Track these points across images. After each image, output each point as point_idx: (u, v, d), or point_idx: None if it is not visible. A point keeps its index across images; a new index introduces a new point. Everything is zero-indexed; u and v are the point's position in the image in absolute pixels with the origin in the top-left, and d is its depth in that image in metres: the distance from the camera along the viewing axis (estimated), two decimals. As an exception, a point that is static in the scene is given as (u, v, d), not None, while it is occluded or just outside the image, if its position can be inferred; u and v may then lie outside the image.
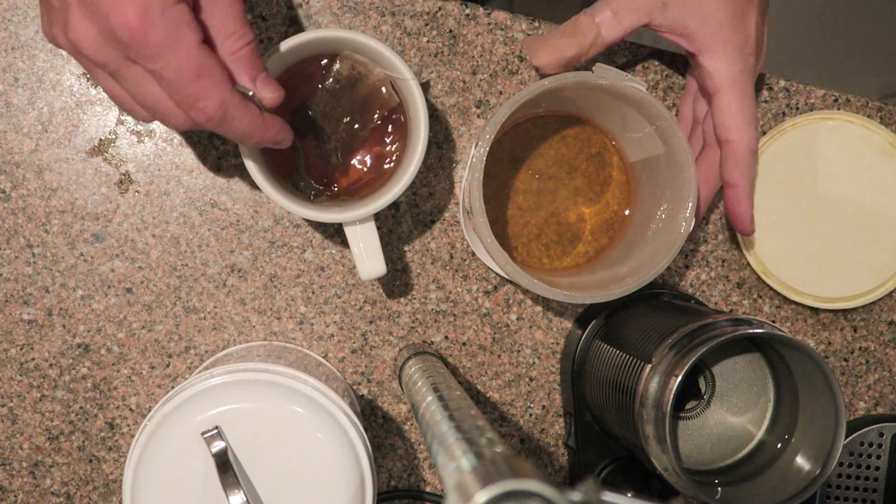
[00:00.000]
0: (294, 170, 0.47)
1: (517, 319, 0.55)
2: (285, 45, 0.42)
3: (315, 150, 0.46)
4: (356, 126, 0.46)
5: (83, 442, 0.53)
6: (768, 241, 0.55)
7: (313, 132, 0.46)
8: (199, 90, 0.35)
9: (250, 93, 0.38)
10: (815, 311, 0.58)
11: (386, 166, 0.48)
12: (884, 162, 0.56)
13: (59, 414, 0.53)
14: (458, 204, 0.54)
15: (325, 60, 0.46)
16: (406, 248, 0.54)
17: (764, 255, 0.55)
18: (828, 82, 0.58)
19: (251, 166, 0.44)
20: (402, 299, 0.54)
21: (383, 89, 0.45)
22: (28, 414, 0.52)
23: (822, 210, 0.56)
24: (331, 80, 0.45)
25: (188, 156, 0.52)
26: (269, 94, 0.38)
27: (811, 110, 0.56)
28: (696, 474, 0.48)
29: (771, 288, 0.56)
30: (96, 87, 0.51)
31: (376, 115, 0.46)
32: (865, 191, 0.56)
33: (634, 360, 0.46)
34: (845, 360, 0.59)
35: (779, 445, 0.48)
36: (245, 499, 0.39)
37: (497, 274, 0.55)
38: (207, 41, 0.36)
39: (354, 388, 0.55)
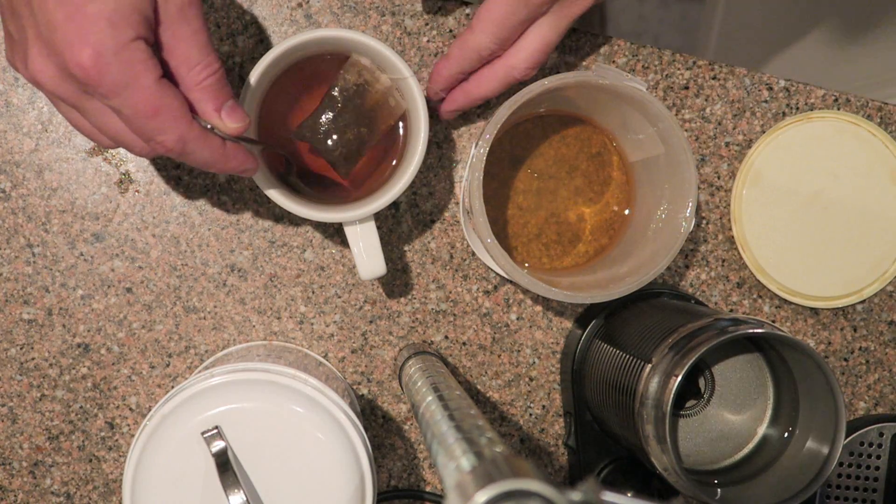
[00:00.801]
0: (286, 173, 0.47)
1: (517, 319, 0.55)
2: (284, 45, 0.42)
3: (318, 156, 0.46)
4: (363, 135, 0.45)
5: (83, 441, 0.53)
6: (766, 240, 0.55)
7: (318, 139, 0.45)
8: (157, 126, 0.35)
9: (208, 125, 0.38)
10: (815, 310, 0.58)
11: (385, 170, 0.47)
12: (879, 161, 0.56)
13: (59, 413, 0.53)
14: (458, 204, 0.54)
15: (329, 57, 0.46)
16: (406, 248, 0.54)
17: (761, 255, 0.55)
18: (828, 82, 0.58)
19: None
20: (402, 299, 0.54)
21: (390, 100, 0.45)
22: (28, 413, 0.52)
23: (818, 209, 0.56)
24: (338, 87, 0.45)
25: (188, 155, 0.52)
26: (234, 123, 0.38)
27: (811, 110, 0.56)
28: (695, 474, 0.48)
29: (769, 288, 0.56)
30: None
31: (384, 126, 0.46)
32: (862, 190, 0.56)
33: (634, 359, 0.46)
34: (845, 359, 0.59)
35: (779, 445, 0.48)
36: (245, 498, 0.39)
37: (497, 274, 0.55)
38: (170, 72, 0.36)
39: (354, 387, 0.55)
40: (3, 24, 0.36)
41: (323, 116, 0.45)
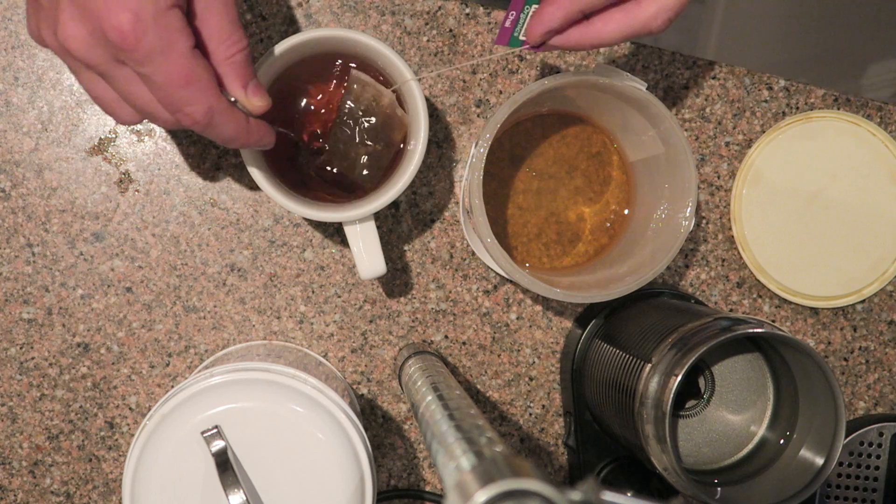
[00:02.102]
0: (296, 154, 0.46)
1: (517, 319, 0.55)
2: (284, 45, 0.42)
3: (330, 171, 0.46)
4: (381, 151, 0.46)
5: (83, 441, 0.53)
6: (766, 240, 0.55)
7: (343, 165, 0.46)
8: (187, 96, 0.35)
9: (233, 99, 0.38)
10: (815, 310, 0.58)
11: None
12: (879, 161, 0.56)
13: (58, 413, 0.53)
14: (458, 203, 0.54)
15: (328, 58, 0.46)
16: (406, 248, 0.54)
17: (760, 255, 0.55)
18: (828, 82, 0.58)
19: (251, 166, 0.44)
20: (401, 298, 0.54)
21: (397, 111, 0.45)
22: (28, 413, 0.52)
23: (818, 209, 0.56)
24: (347, 109, 0.45)
25: (188, 155, 0.52)
26: (258, 102, 0.38)
27: (811, 110, 0.56)
28: (695, 474, 0.48)
29: (769, 288, 0.56)
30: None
31: (399, 138, 0.46)
32: (862, 190, 0.56)
33: (634, 359, 0.46)
34: (845, 359, 0.59)
35: (778, 445, 0.48)
36: (245, 498, 0.39)
37: (497, 273, 0.55)
38: (200, 45, 0.36)
39: (354, 387, 0.55)
40: None
41: (340, 142, 0.45)
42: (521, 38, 0.42)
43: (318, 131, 0.46)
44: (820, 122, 0.55)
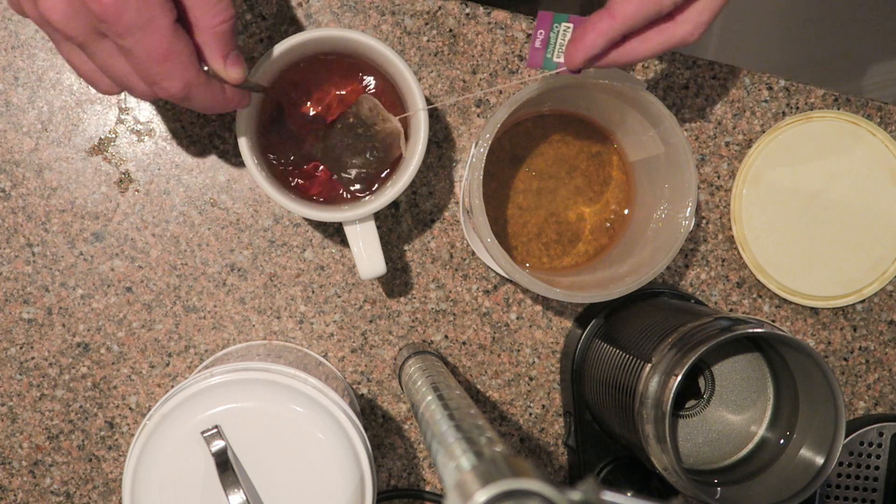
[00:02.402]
0: (277, 119, 0.47)
1: (517, 319, 0.55)
2: (285, 44, 0.42)
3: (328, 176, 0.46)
4: (372, 164, 0.46)
5: (83, 441, 0.53)
6: (766, 240, 0.55)
7: (333, 165, 0.46)
8: (166, 70, 0.35)
9: (206, 69, 0.38)
10: (815, 310, 0.58)
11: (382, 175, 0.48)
12: (879, 160, 0.56)
13: (58, 413, 0.53)
14: (458, 203, 0.54)
15: (327, 58, 0.46)
16: (406, 248, 0.54)
17: (760, 255, 0.55)
18: (828, 82, 0.58)
19: (251, 166, 0.44)
20: (401, 298, 0.54)
21: (401, 142, 0.45)
22: (28, 413, 0.52)
23: (818, 209, 0.56)
24: (350, 119, 0.45)
25: (188, 155, 0.52)
26: (235, 73, 0.38)
27: (811, 110, 0.56)
28: (695, 474, 0.48)
29: (769, 287, 0.56)
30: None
31: (392, 159, 0.46)
32: (862, 190, 0.56)
33: (634, 359, 0.46)
34: (845, 359, 0.59)
35: (778, 445, 0.48)
36: (245, 498, 0.39)
37: (497, 273, 0.55)
38: (185, 13, 0.36)
39: (354, 387, 0.55)
40: None
41: (336, 147, 0.45)
42: (556, 60, 0.42)
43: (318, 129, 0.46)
44: (820, 122, 0.55)
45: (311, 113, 0.46)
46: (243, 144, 0.44)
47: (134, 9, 0.33)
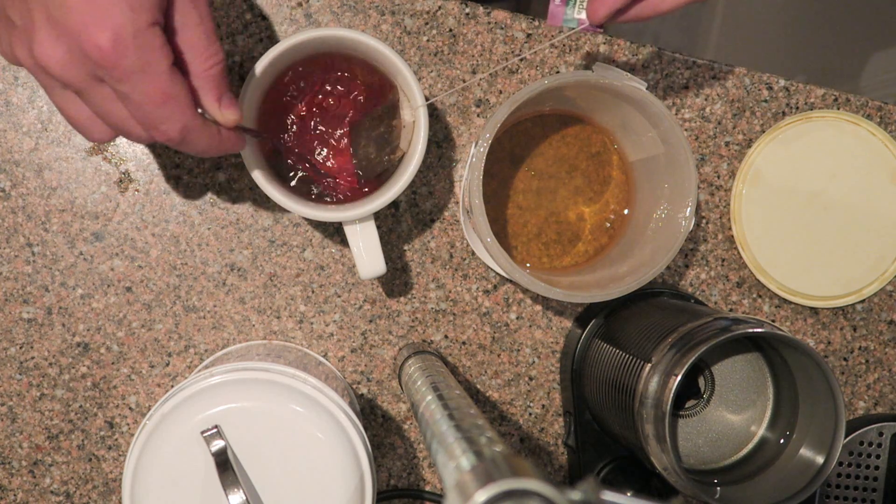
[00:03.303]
0: (275, 160, 0.47)
1: (517, 318, 0.55)
2: (287, 43, 0.42)
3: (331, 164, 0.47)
4: (386, 151, 0.46)
5: (83, 441, 0.53)
6: (766, 240, 0.55)
7: (359, 147, 0.46)
8: (164, 114, 0.36)
9: (201, 111, 0.38)
10: (815, 310, 0.58)
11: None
12: (879, 160, 0.56)
13: (58, 413, 0.53)
14: (457, 203, 0.54)
15: (326, 58, 0.46)
16: (406, 247, 0.54)
17: (760, 255, 0.55)
18: (828, 82, 0.58)
19: (251, 166, 0.44)
20: (401, 298, 0.54)
21: (405, 135, 0.46)
22: (28, 413, 0.52)
23: (818, 209, 0.56)
24: (382, 110, 0.45)
25: (188, 155, 0.52)
26: (230, 115, 0.39)
27: (811, 109, 0.56)
28: (695, 474, 0.48)
29: (769, 287, 0.56)
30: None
31: (400, 153, 0.46)
32: (862, 190, 0.56)
33: (634, 359, 0.46)
34: (845, 359, 0.59)
35: (778, 445, 0.48)
36: (244, 498, 0.39)
37: (497, 273, 0.55)
38: (177, 56, 0.36)
39: (354, 387, 0.55)
40: (2, 10, 0.35)
41: (368, 130, 0.45)
42: (577, 16, 0.42)
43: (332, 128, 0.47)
44: (820, 122, 0.55)
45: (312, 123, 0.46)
46: (245, 149, 0.44)
47: (133, 54, 0.33)
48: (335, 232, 0.53)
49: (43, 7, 0.33)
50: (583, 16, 0.42)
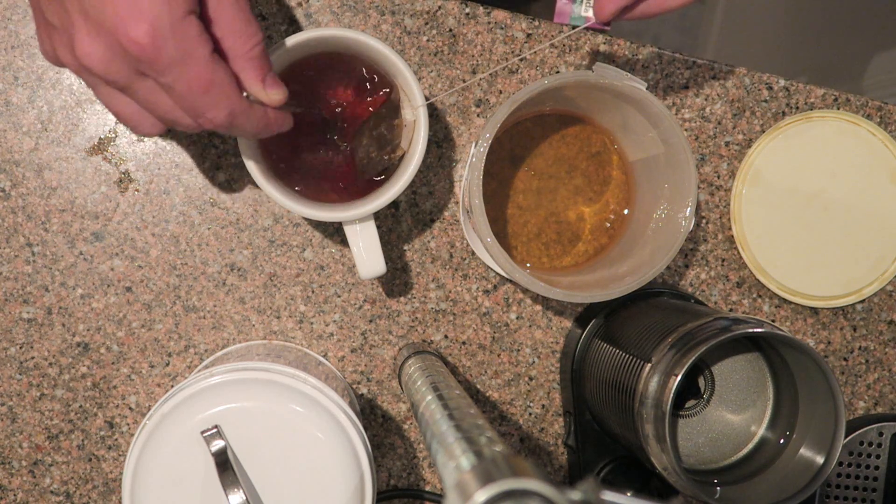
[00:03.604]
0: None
1: (517, 318, 0.55)
2: (291, 41, 0.42)
3: (333, 162, 0.46)
4: (386, 150, 0.46)
5: (83, 441, 0.53)
6: (766, 240, 0.55)
7: (361, 144, 0.46)
8: (209, 102, 0.35)
9: (246, 95, 0.38)
10: (815, 310, 0.58)
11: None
12: (879, 160, 0.56)
13: (58, 413, 0.53)
14: (457, 203, 0.54)
15: (325, 58, 0.46)
16: (406, 247, 0.54)
17: (760, 255, 0.55)
18: (828, 82, 0.58)
19: (251, 165, 0.44)
20: (401, 298, 0.54)
21: (405, 135, 0.46)
22: (27, 413, 0.52)
23: (818, 209, 0.56)
24: (385, 109, 0.45)
25: (188, 154, 0.52)
26: (276, 95, 0.39)
27: (811, 109, 0.56)
28: (695, 474, 0.48)
29: (769, 287, 0.56)
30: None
31: (400, 152, 0.46)
32: (862, 190, 0.56)
33: (634, 359, 0.46)
34: (845, 359, 0.59)
35: (778, 445, 0.48)
36: (244, 498, 0.39)
37: (497, 273, 0.55)
38: (216, 43, 0.36)
39: (354, 387, 0.55)
40: (41, 13, 0.36)
41: (369, 130, 0.45)
42: (584, 14, 0.41)
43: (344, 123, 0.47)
44: (820, 122, 0.55)
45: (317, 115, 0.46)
46: (244, 149, 0.43)
47: (172, 45, 0.33)
48: (335, 232, 0.53)
49: (79, 6, 0.33)
50: (590, 13, 0.42)
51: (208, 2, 0.35)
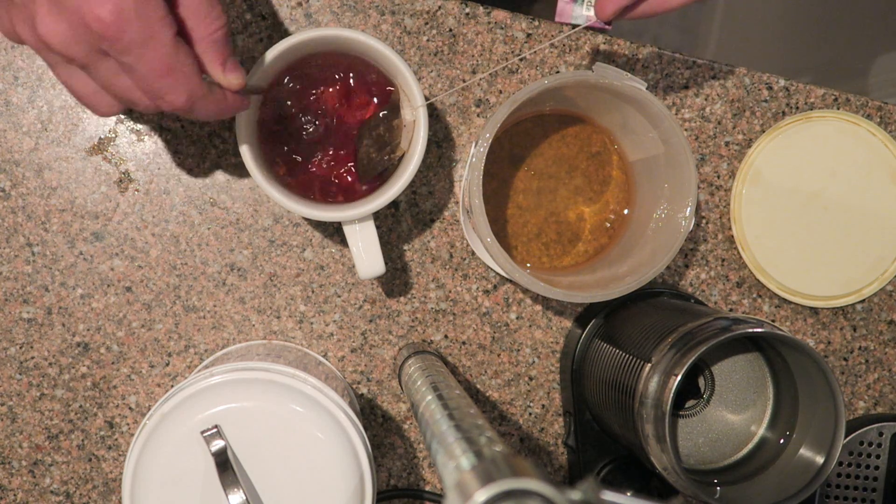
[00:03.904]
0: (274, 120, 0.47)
1: (517, 318, 0.55)
2: (290, 40, 0.42)
3: (331, 164, 0.46)
4: (386, 151, 0.46)
5: (83, 441, 0.53)
6: (765, 240, 0.55)
7: (361, 145, 0.46)
8: (169, 84, 0.35)
9: (207, 80, 0.38)
10: (815, 310, 0.58)
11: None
12: (879, 160, 0.56)
13: (58, 413, 0.53)
14: (457, 203, 0.54)
15: (325, 57, 0.46)
16: (405, 247, 0.54)
17: (760, 255, 0.55)
18: (828, 82, 0.58)
19: (250, 165, 0.44)
20: (401, 298, 0.54)
21: (406, 135, 0.46)
22: (27, 412, 0.52)
23: (818, 209, 0.56)
24: (386, 111, 0.45)
25: (188, 155, 0.52)
26: (234, 79, 0.39)
27: (811, 109, 0.56)
28: (695, 474, 0.48)
29: (769, 287, 0.56)
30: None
31: (399, 149, 0.46)
32: (862, 190, 0.56)
33: (634, 359, 0.46)
34: (845, 359, 0.59)
35: (778, 445, 0.48)
36: (244, 498, 0.39)
37: (497, 273, 0.55)
38: (180, 24, 0.36)
39: (354, 387, 0.55)
40: None
41: (369, 130, 0.45)
42: (586, 13, 0.41)
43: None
44: (820, 122, 0.55)
45: (310, 115, 0.46)
46: (244, 149, 0.44)
47: (136, 26, 0.33)
48: (335, 232, 0.53)
49: None
50: (591, 13, 0.42)
51: None
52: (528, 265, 0.52)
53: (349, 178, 0.47)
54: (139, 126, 0.51)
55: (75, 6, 0.33)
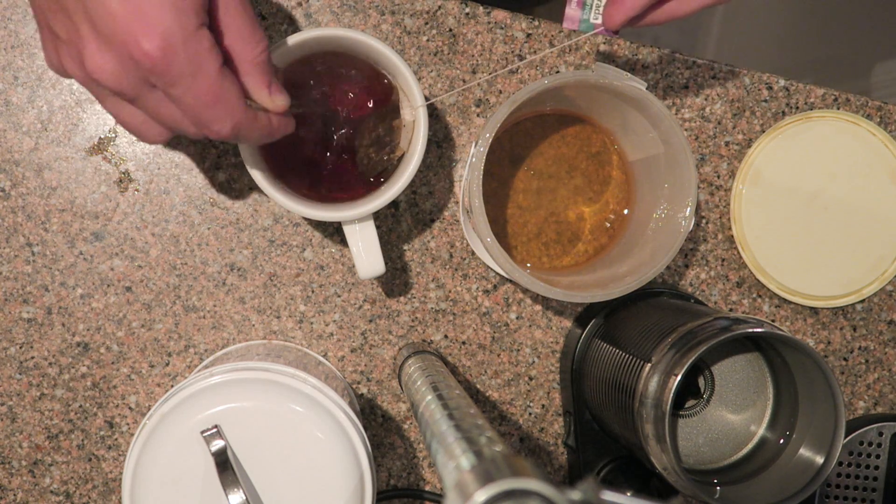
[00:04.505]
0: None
1: (517, 318, 0.55)
2: (291, 40, 0.42)
3: (332, 162, 0.46)
4: (385, 151, 0.46)
5: (83, 440, 0.53)
6: (765, 239, 0.55)
7: (362, 142, 0.46)
8: (215, 114, 0.36)
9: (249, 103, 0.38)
10: (815, 310, 0.58)
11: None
12: (879, 160, 0.56)
13: (58, 412, 0.53)
14: (457, 203, 0.54)
15: (324, 58, 0.46)
16: (405, 247, 0.54)
17: (760, 255, 0.55)
18: (828, 82, 0.58)
19: (250, 166, 0.44)
20: (401, 298, 0.54)
21: (405, 135, 0.46)
22: (27, 412, 0.52)
23: (818, 209, 0.56)
24: (386, 110, 0.45)
25: (188, 155, 0.52)
26: (280, 101, 0.39)
27: (811, 109, 0.56)
28: (695, 473, 0.48)
29: (769, 287, 0.56)
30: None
31: (399, 149, 0.46)
32: (862, 190, 0.56)
33: (634, 359, 0.46)
34: (845, 359, 0.59)
35: (778, 445, 0.48)
36: (244, 497, 0.39)
37: (497, 273, 0.55)
38: (226, 50, 0.36)
39: (354, 386, 0.55)
40: (46, 25, 0.35)
41: (369, 130, 0.45)
42: (594, 21, 0.41)
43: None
44: (820, 122, 0.55)
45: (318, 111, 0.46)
46: (244, 150, 0.44)
47: (183, 58, 0.33)
48: (335, 232, 0.53)
49: (87, 18, 0.33)
50: (599, 20, 0.42)
51: (216, 9, 0.35)
52: (528, 265, 0.52)
53: (349, 179, 0.47)
54: (139, 126, 0.51)
55: (122, 41, 0.33)
